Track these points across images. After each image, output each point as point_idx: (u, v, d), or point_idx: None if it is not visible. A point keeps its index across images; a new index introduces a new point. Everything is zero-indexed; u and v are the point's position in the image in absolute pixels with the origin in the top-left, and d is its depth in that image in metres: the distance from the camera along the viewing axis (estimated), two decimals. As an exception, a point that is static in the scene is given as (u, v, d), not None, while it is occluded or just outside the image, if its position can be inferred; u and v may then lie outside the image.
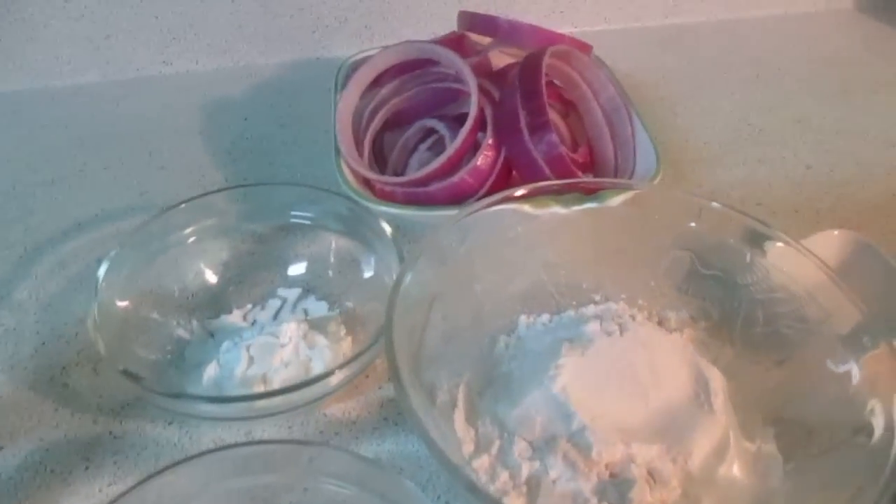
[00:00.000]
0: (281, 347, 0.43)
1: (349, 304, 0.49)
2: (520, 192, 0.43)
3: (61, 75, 0.74)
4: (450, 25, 0.79)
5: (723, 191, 0.63)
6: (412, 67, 0.56)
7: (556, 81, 0.59)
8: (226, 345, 0.44)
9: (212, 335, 0.47)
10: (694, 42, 0.86)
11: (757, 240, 0.44)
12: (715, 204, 0.45)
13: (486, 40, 0.62)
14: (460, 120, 0.54)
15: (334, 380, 0.39)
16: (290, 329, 0.44)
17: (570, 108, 0.60)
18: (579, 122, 0.60)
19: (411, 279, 0.39)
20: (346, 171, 0.51)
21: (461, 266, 0.43)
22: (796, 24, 0.90)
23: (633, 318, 0.45)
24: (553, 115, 0.55)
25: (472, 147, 0.51)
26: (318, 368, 0.43)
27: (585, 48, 0.58)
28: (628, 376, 0.40)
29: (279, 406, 0.39)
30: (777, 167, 0.66)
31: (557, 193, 0.44)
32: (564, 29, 0.83)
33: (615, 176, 0.55)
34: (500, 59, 0.62)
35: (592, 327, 0.42)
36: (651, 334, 0.43)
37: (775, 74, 0.80)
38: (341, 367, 0.39)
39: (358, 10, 0.76)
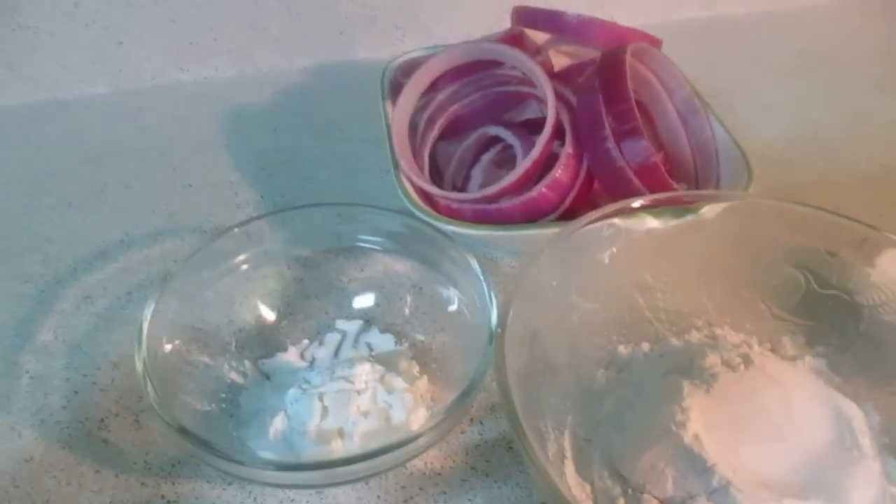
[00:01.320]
0: (357, 395, 0.38)
1: (419, 337, 0.44)
2: (638, 202, 0.38)
3: (69, 86, 0.68)
4: (485, 22, 0.74)
5: (798, 195, 0.57)
6: (471, 70, 0.51)
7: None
8: (293, 393, 0.38)
9: (267, 378, 0.42)
10: (737, 35, 0.81)
11: (876, 252, 0.39)
12: (828, 213, 0.40)
13: (541, 37, 0.57)
14: (527, 127, 0.49)
15: (425, 440, 0.34)
16: (365, 372, 0.39)
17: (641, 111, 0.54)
18: (648, 126, 0.55)
19: (514, 315, 0.34)
20: (408, 186, 0.46)
21: (559, 294, 0.38)
22: (840, 13, 0.86)
23: (749, 346, 0.40)
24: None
25: (548, 157, 0.46)
26: (398, 416, 0.38)
27: (656, 43, 0.53)
28: (763, 418, 0.34)
29: (361, 471, 0.34)
30: (850, 167, 0.62)
31: (674, 205, 0.39)
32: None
33: (697, 184, 0.50)
34: (555, 58, 0.57)
35: (712, 360, 0.37)
36: (778, 367, 0.38)
37: (826, 67, 0.76)
38: (435, 426, 0.33)
39: (387, 7, 0.71)
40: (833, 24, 0.84)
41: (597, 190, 0.46)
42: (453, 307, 0.44)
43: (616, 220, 0.39)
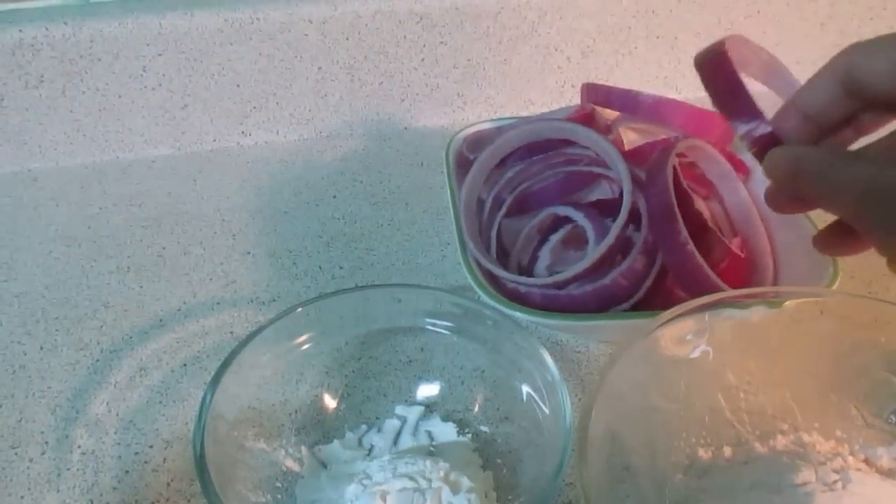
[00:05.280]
0: (420, 495, 0.36)
1: (482, 428, 0.42)
2: (720, 299, 0.36)
3: (132, 147, 0.68)
4: (546, 92, 0.74)
5: (880, 282, 0.55)
6: (541, 148, 0.49)
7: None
8: (353, 489, 0.36)
9: (324, 466, 0.40)
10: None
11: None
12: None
13: (610, 113, 0.56)
14: (598, 207, 0.48)
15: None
16: (429, 469, 0.37)
17: (710, 190, 0.53)
18: (719, 205, 0.53)
19: (595, 418, 0.32)
20: (475, 268, 0.44)
21: (638, 394, 0.36)
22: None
23: (843, 458, 0.37)
24: (697, 201, 0.48)
25: (623, 243, 0.44)
26: (463, 519, 0.36)
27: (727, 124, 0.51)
28: (866, 548, 0.32)
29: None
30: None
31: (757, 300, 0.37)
32: (668, 95, 0.77)
33: (776, 271, 0.48)
34: (625, 134, 0.55)
35: (805, 476, 0.35)
36: (878, 486, 0.35)
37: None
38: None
39: (451, 76, 0.71)
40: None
41: (673, 278, 0.44)
42: (519, 396, 0.42)
43: (699, 315, 0.37)
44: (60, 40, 0.61)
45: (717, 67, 0.38)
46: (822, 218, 0.49)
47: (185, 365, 0.48)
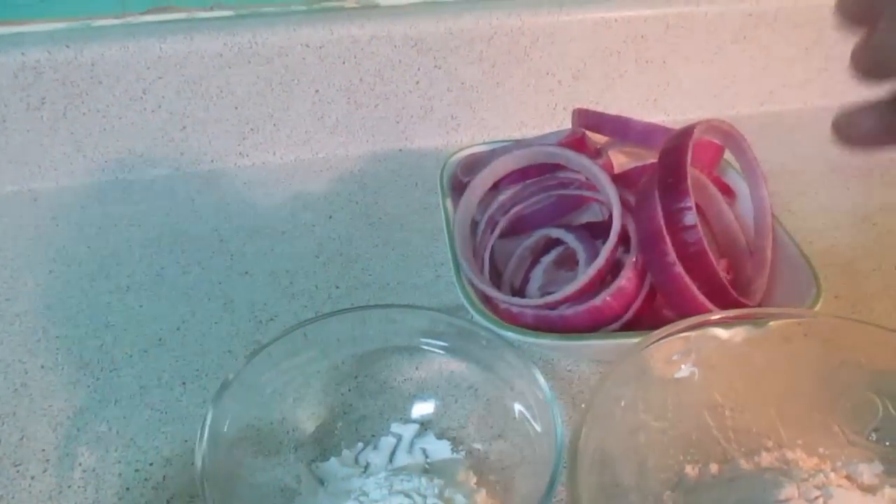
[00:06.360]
0: (416, 511, 0.37)
1: (476, 446, 0.43)
2: (708, 319, 0.37)
3: (132, 168, 0.69)
4: (538, 115, 0.75)
5: (864, 303, 0.56)
6: (533, 171, 0.51)
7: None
8: (350, 506, 0.37)
9: (322, 483, 0.41)
10: (794, 131, 0.81)
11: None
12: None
13: (600, 137, 0.57)
14: (589, 229, 0.49)
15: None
16: (424, 486, 0.38)
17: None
18: (705, 226, 0.54)
19: (585, 438, 0.33)
20: (470, 290, 0.45)
21: (627, 413, 0.37)
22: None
23: (825, 474, 0.39)
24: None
25: (613, 264, 0.45)
26: (457, 536, 0.37)
27: (719, 149, 0.53)
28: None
29: None
30: (917, 274, 0.60)
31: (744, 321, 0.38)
32: (657, 118, 0.79)
33: (754, 293, 0.49)
34: (614, 157, 0.57)
35: (789, 492, 0.36)
36: (859, 501, 0.36)
37: (888, 167, 0.75)
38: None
39: (445, 98, 0.72)
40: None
41: (661, 299, 0.45)
42: (512, 414, 0.43)
43: (686, 335, 0.39)
44: (63, 63, 0.63)
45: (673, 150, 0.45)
46: (806, 238, 0.51)
47: (184, 383, 0.49)
